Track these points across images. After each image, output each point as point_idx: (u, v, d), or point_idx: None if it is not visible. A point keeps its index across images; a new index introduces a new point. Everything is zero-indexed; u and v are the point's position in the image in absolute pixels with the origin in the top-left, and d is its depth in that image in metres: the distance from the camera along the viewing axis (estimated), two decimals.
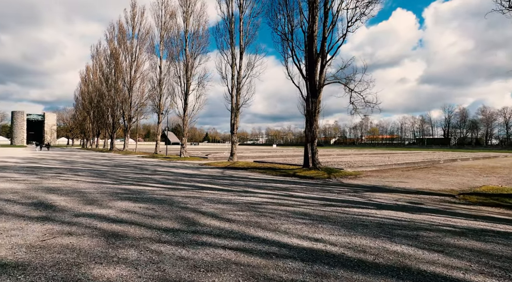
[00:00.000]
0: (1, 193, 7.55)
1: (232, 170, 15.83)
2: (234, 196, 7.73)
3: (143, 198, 7.13)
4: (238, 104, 20.61)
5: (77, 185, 9.21)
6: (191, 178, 11.66)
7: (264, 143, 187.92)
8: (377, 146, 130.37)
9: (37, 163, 18.60)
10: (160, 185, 9.51)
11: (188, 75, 26.71)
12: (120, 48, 42.92)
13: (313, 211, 6.01)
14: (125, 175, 12.52)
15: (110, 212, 5.62)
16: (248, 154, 36.51)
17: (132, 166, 17.71)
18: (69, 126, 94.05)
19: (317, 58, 14.29)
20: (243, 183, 10.45)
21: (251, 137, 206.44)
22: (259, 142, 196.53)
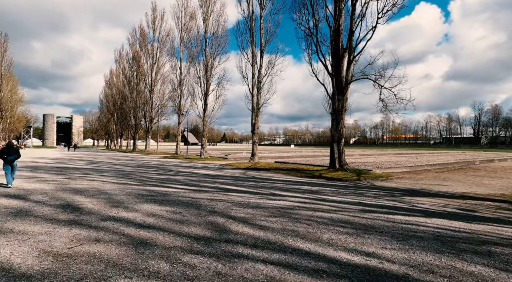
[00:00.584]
0: (32, 194, 7.61)
1: (254, 171, 15.43)
2: (262, 199, 7.28)
3: (169, 201, 6.87)
4: (259, 104, 20.19)
5: (103, 186, 9.18)
6: (214, 179, 11.38)
7: (282, 143, 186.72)
8: (400, 145, 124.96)
9: (65, 164, 19.23)
10: (184, 187, 9.27)
11: (207, 76, 26.69)
12: (141, 51, 44.04)
13: (353, 218, 5.42)
14: (148, 175, 12.48)
15: (136, 216, 5.37)
16: (267, 154, 36.05)
17: (155, 166, 17.81)
18: (94, 128, 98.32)
19: (343, 54, 13.53)
20: (268, 185, 9.99)
21: (268, 137, 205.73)
22: (276, 142, 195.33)
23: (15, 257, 3.41)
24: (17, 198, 7.01)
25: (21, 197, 7.21)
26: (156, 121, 43.02)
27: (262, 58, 20.05)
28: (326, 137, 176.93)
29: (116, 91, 58.08)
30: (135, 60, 45.97)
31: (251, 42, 20.34)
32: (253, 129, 20.44)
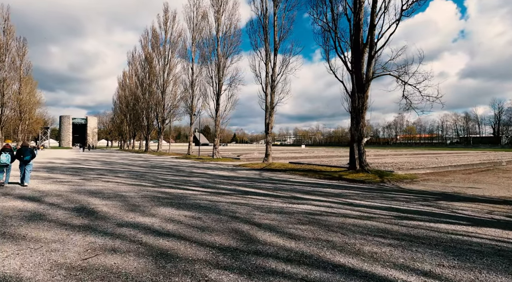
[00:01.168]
0: (47, 195, 7.42)
1: (269, 172, 14.95)
2: (285, 203, 6.80)
3: (186, 204, 6.50)
4: (273, 103, 19.71)
5: (118, 187, 8.94)
6: (230, 181, 10.98)
7: (292, 143, 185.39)
8: (415, 145, 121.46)
9: (81, 164, 19.35)
10: (200, 189, 8.91)
11: (220, 76, 26.44)
12: (153, 52, 44.41)
13: (391, 227, 4.86)
14: (163, 177, 12.22)
15: (154, 222, 5.00)
16: (279, 154, 35.51)
17: (168, 167, 17.62)
18: (108, 129, 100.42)
19: (364, 49, 12.87)
20: (288, 187, 9.49)
21: (279, 137, 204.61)
22: (286, 142, 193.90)
23: (25, 269, 3.08)
24: (32, 200, 6.81)
25: (36, 199, 7.02)
26: (168, 122, 43.26)
27: (276, 57, 19.59)
28: (337, 138, 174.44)
29: (129, 92, 58.92)
30: (147, 61, 46.42)
31: (264, 40, 19.89)
32: (266, 129, 19.96)
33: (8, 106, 42.56)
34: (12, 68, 43.79)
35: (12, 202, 6.65)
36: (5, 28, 40.65)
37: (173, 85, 42.83)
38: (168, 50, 42.29)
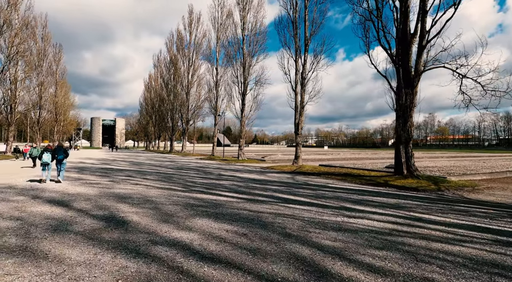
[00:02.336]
0: (75, 200, 6.97)
1: (302, 176, 13.86)
2: (338, 215, 5.75)
3: (224, 215, 5.67)
4: (303, 102, 18.58)
5: (147, 191, 8.37)
6: (264, 186, 10.07)
7: (314, 145, 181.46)
8: (447, 147, 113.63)
9: (110, 164, 19.48)
10: (234, 194, 8.09)
11: (245, 75, 25.76)
12: (178, 54, 44.91)
13: (502, 258, 3.66)
14: (191, 179, 11.61)
15: (192, 238, 4.19)
16: (304, 156, 34.08)
17: (195, 168, 17.13)
18: (134, 130, 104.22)
19: (412, 39, 11.42)
20: (331, 195, 8.39)
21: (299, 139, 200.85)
22: (308, 144, 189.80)
23: None
24: (60, 205, 6.35)
25: (64, 203, 6.56)
26: (192, 122, 43.43)
27: (306, 53, 18.45)
28: (361, 139, 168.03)
29: (155, 94, 60.37)
30: (172, 63, 47.09)
31: (294, 35, 18.85)
32: (296, 130, 18.87)
33: (45, 108, 45.03)
34: (49, 72, 46.33)
35: (41, 206, 6.22)
36: (43, 35, 43.06)
37: (197, 86, 43.03)
38: (192, 51, 42.56)
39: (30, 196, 7.47)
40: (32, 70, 36.70)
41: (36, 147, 16.86)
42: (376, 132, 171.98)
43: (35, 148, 16.61)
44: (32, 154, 16.44)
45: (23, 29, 29.60)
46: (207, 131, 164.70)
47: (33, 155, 16.39)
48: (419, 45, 11.17)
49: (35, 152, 16.29)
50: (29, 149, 16.60)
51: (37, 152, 16.17)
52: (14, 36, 27.93)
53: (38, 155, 10.53)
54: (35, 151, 16.27)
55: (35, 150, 16.45)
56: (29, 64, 34.11)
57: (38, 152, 16.11)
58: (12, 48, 27.89)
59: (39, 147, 16.85)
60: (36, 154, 16.10)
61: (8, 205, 6.30)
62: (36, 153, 16.14)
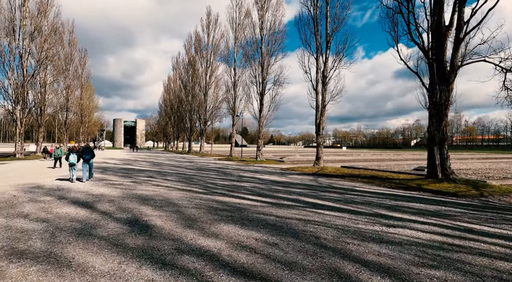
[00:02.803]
0: (99, 201, 6.92)
1: (325, 178, 13.28)
2: (375, 224, 5.23)
3: (250, 220, 5.33)
4: (325, 101, 17.93)
5: (168, 193, 8.22)
6: (287, 188, 9.65)
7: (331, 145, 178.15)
8: (476, 148, 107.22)
9: (131, 165, 19.83)
10: (257, 197, 7.74)
11: (263, 75, 25.43)
12: (196, 55, 45.41)
13: None
14: (212, 181, 11.41)
15: (220, 247, 3.88)
16: (323, 157, 33.15)
17: (214, 169, 17.00)
18: (154, 131, 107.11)
19: (447, 31, 10.55)
20: (360, 199, 7.83)
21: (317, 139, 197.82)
22: (326, 144, 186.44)
23: None
24: (84, 207, 6.30)
25: (88, 204, 6.52)
26: (210, 123, 43.70)
27: (328, 50, 17.80)
28: (382, 139, 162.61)
29: (173, 95, 61.56)
30: (190, 64, 47.71)
31: (315, 33, 18.26)
32: (317, 130, 18.25)
33: (72, 110, 47.17)
34: (75, 76, 48.52)
35: (66, 207, 6.19)
36: (70, 40, 45.13)
37: (215, 87, 43.28)
38: (210, 52, 42.87)
39: (56, 196, 7.54)
40: (60, 74, 38.49)
41: (60, 147, 16.96)
42: (397, 132, 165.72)
43: (58, 148, 16.61)
44: (57, 155, 16.46)
45: (51, 35, 31.07)
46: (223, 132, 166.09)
47: (58, 156, 16.47)
48: (456, 38, 10.28)
49: (58, 152, 16.36)
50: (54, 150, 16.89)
51: (60, 152, 16.33)
52: (44, 42, 29.33)
53: (65, 156, 10.80)
54: (58, 151, 16.35)
55: (58, 150, 16.46)
56: (57, 68, 35.78)
57: (62, 153, 16.46)
58: (42, 53, 29.32)
59: (62, 148, 16.95)
60: (59, 154, 16.28)
61: (36, 206, 6.33)
62: (59, 153, 16.29)
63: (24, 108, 28.21)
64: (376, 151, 75.09)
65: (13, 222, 5.01)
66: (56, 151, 16.39)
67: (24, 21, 27.56)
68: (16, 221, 5.07)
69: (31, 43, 28.30)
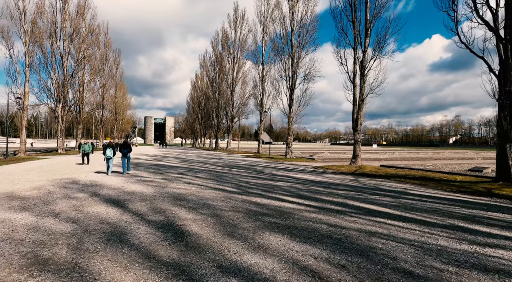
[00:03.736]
0: (131, 200, 6.51)
1: (366, 178, 12.01)
2: (461, 242, 4.12)
3: (299, 229, 4.49)
4: (363, 94, 16.44)
5: (202, 192, 7.65)
6: (328, 189, 8.65)
7: None
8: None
9: (161, 161, 19.93)
10: (298, 200, 6.87)
11: (294, 68, 24.28)
12: (224, 52, 45.25)
13: None
14: (244, 179, 10.73)
15: (273, 268, 3.09)
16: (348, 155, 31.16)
17: (244, 166, 16.38)
18: (182, 128, 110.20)
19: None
20: (422, 205, 6.61)
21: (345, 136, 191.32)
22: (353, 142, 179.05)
23: None
24: (116, 205, 5.89)
25: (120, 203, 6.11)
26: (237, 120, 43.40)
27: (367, 38, 16.23)
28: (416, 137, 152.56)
29: (201, 93, 62.37)
30: (217, 61, 47.73)
31: (352, 19, 16.76)
32: (355, 126, 16.82)
33: (107, 108, 49.65)
34: (110, 75, 50.96)
35: (97, 206, 5.82)
36: (105, 41, 47.34)
37: (242, 83, 42.85)
38: (237, 48, 42.43)
39: (89, 193, 7.29)
40: (96, 74, 40.43)
41: (87, 143, 16.30)
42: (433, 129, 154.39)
43: (86, 144, 15.97)
44: (84, 150, 15.79)
45: (88, 36, 32.52)
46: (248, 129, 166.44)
47: (85, 151, 15.82)
48: None
49: (86, 148, 15.75)
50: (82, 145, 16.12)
51: (88, 148, 15.75)
52: (82, 42, 30.76)
53: (102, 150, 11.20)
54: (86, 147, 15.75)
55: (86, 145, 15.82)
56: (93, 68, 37.60)
57: (90, 148, 15.97)
58: (80, 53, 30.79)
59: (89, 143, 16.32)
60: (87, 149, 15.73)
61: (68, 203, 6.05)
62: (87, 149, 15.73)
63: (64, 106, 29.88)
64: (411, 149, 70.05)
65: (43, 222, 4.66)
66: (84, 146, 15.79)
67: (64, 24, 29.06)
68: (46, 221, 4.71)
69: (70, 44, 29.81)
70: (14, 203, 6.03)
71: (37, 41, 25.39)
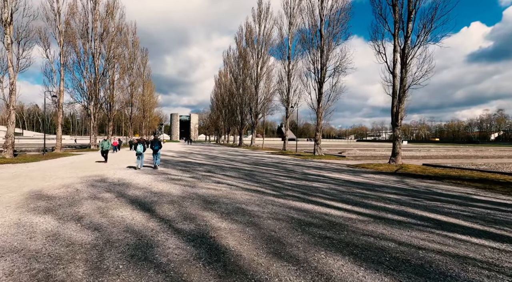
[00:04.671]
0: (158, 202, 5.95)
1: (413, 179, 10.61)
2: None
3: (361, 248, 3.56)
4: (405, 86, 14.78)
5: (233, 194, 6.93)
6: (374, 192, 7.53)
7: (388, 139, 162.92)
8: None
9: (188, 158, 19.72)
10: (344, 205, 5.89)
11: (323, 60, 22.84)
12: (248, 47, 44.48)
13: None
14: (276, 178, 9.90)
15: None
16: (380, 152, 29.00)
17: (272, 164, 15.54)
18: (206, 125, 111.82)
19: None
20: (502, 216, 5.33)
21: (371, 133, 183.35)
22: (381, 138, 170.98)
23: None
24: (142, 209, 5.34)
25: (146, 206, 5.56)
26: (262, 116, 42.59)
27: (411, 22, 14.50)
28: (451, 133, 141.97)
29: (224, 89, 62.37)
30: (241, 57, 47.10)
31: (392, 3, 15.09)
32: (394, 121, 15.23)
33: (135, 106, 51.25)
34: (138, 74, 52.49)
35: (123, 209, 5.31)
36: (133, 41, 48.69)
37: (266, 78, 41.88)
38: (261, 43, 41.45)
39: (116, 193, 6.88)
40: (125, 72, 41.64)
41: (107, 139, 15.20)
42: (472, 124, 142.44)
43: (105, 141, 14.84)
44: (103, 147, 14.62)
45: (117, 34, 33.36)
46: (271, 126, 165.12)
47: (104, 148, 14.63)
48: None
49: (105, 145, 14.68)
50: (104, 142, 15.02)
51: (107, 145, 14.79)
52: (111, 41, 31.59)
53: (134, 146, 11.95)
54: (106, 144, 14.70)
55: (105, 142, 14.72)
56: (122, 66, 38.70)
57: (109, 145, 15.15)
58: (110, 52, 31.67)
59: (110, 140, 15.71)
60: (106, 147, 14.72)
61: (93, 205, 5.62)
62: (106, 146, 14.72)
63: (96, 104, 30.98)
64: (448, 146, 64.76)
65: (64, 228, 4.18)
66: (103, 143, 14.68)
67: (95, 24, 29.97)
68: (68, 227, 4.23)
69: (101, 43, 30.73)
70: (40, 203, 5.73)
71: (71, 41, 26.37)
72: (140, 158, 11.94)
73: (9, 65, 16.96)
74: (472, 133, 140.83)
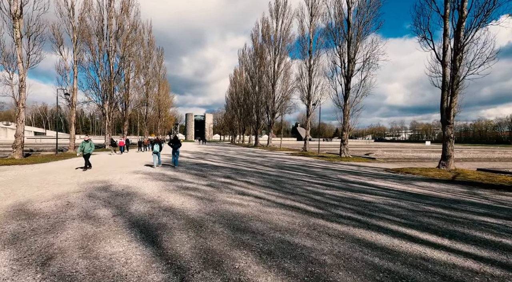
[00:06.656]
0: (167, 227, 4.29)
1: (489, 190, 8.41)
2: None
3: None
4: (459, 77, 12.46)
5: (266, 213, 5.17)
6: (459, 213, 5.53)
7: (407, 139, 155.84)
8: None
9: (203, 159, 18.21)
10: (439, 240, 3.99)
11: (350, 52, 20.66)
12: (264, 43, 42.69)
13: None
14: (311, 188, 8.04)
15: None
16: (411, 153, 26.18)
17: (298, 168, 13.67)
18: (221, 125, 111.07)
19: None
20: None
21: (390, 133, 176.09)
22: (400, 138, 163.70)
23: None
24: (143, 240, 3.68)
25: (150, 235, 3.90)
26: (279, 115, 40.66)
27: (466, 1, 12.17)
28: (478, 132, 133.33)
29: (239, 88, 60.92)
30: (257, 54, 45.37)
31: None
32: (446, 118, 12.92)
33: (151, 105, 50.81)
34: (153, 73, 52.02)
35: (116, 240, 3.68)
36: (149, 40, 48.17)
37: (284, 75, 39.91)
38: (279, 38, 39.54)
39: (115, 208, 5.31)
40: (140, 71, 41.02)
41: (89, 140, 11.94)
42: (502, 124, 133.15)
43: (87, 142, 11.76)
44: (84, 150, 11.51)
45: (132, 32, 32.57)
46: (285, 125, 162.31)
47: (85, 152, 11.51)
48: None
49: (87, 146, 11.60)
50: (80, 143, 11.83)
51: (89, 148, 11.64)
52: (126, 39, 30.80)
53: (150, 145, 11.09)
54: (87, 146, 11.61)
55: (87, 144, 11.65)
56: (138, 65, 38.03)
57: (91, 148, 11.74)
58: (125, 50, 30.88)
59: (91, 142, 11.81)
60: (88, 150, 11.59)
61: (79, 231, 4.04)
62: (88, 148, 11.61)
63: (111, 103, 30.28)
64: (477, 147, 59.92)
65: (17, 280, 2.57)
66: (84, 145, 11.58)
67: (110, 21, 29.23)
68: (19, 279, 2.62)
69: (116, 41, 29.99)
70: (11, 225, 4.23)
71: (85, 38, 25.65)
72: (156, 156, 12.43)
73: (19, 61, 16.10)
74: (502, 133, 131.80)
